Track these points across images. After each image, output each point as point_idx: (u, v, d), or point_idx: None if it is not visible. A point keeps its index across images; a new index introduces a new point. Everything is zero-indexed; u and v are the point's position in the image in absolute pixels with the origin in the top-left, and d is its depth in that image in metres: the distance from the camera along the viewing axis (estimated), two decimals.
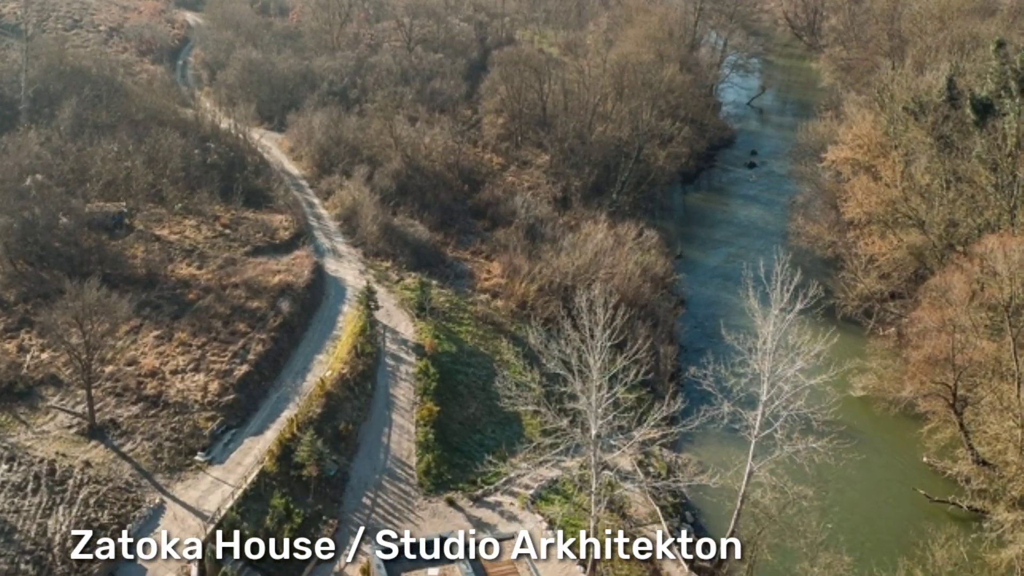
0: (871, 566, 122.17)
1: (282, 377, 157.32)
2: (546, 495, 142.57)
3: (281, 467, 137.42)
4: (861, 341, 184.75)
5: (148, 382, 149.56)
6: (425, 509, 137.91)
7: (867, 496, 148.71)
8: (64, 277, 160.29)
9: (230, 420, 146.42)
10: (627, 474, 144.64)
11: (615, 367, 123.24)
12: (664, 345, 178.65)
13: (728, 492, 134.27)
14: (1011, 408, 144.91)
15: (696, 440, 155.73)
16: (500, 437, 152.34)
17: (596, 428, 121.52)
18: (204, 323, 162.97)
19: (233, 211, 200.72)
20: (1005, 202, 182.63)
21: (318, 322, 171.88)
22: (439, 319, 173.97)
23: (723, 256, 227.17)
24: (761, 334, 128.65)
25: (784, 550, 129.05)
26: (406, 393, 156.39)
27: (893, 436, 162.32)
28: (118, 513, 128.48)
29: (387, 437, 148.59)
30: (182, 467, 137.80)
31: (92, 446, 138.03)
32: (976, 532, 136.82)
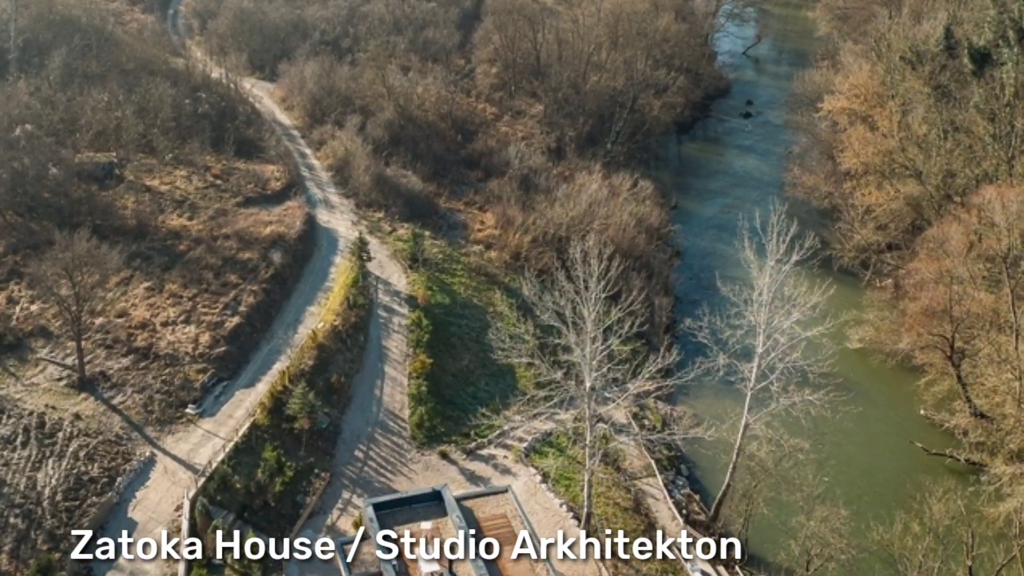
0: (868, 519, 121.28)
1: (274, 329, 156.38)
2: (540, 448, 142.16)
3: (273, 420, 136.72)
4: (858, 293, 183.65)
5: (138, 334, 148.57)
6: (418, 462, 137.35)
7: (864, 449, 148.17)
8: (54, 228, 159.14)
9: (221, 372, 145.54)
10: (622, 427, 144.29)
11: (609, 319, 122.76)
12: (659, 297, 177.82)
13: (724, 445, 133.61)
14: (1009, 360, 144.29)
15: (691, 393, 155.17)
16: (494, 390, 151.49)
17: (590, 380, 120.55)
18: (195, 274, 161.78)
19: (224, 161, 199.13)
20: (1003, 152, 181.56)
21: (310, 273, 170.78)
22: (432, 270, 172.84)
23: (719, 207, 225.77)
24: (757, 285, 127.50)
25: (780, 503, 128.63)
26: (399, 345, 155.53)
27: (890, 388, 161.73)
28: (108, 466, 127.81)
29: (380, 389, 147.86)
30: (173, 420, 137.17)
31: (82, 398, 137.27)
32: (974, 485, 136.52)
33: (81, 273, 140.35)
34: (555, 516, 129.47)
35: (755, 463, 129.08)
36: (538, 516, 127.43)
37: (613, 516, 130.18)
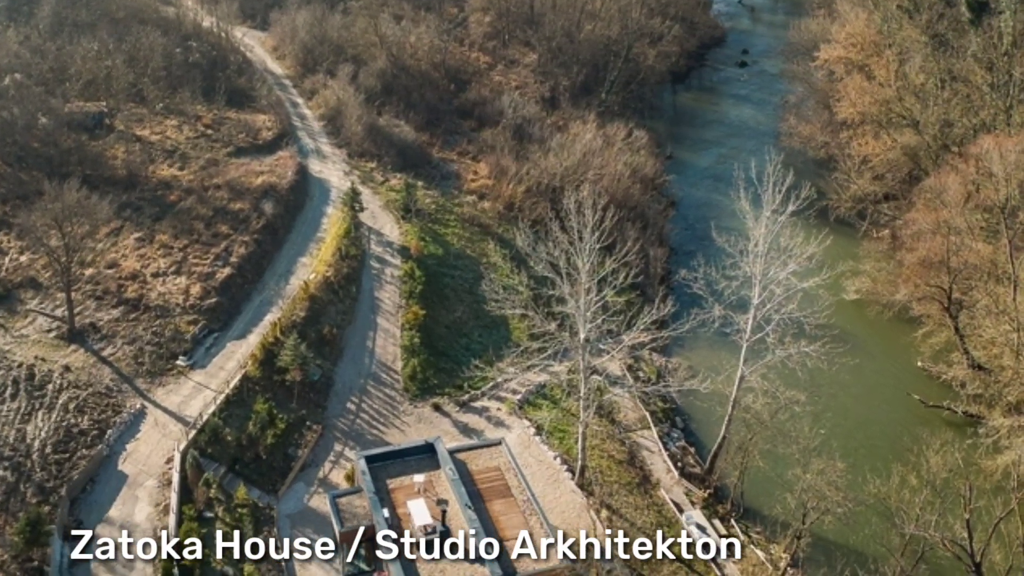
0: (864, 472, 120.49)
1: (265, 280, 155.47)
2: (534, 400, 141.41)
3: (264, 372, 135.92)
4: (854, 243, 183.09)
5: (129, 285, 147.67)
6: (411, 415, 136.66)
7: (860, 401, 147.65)
8: (43, 178, 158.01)
9: (212, 324, 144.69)
10: (616, 379, 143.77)
11: (604, 270, 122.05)
12: (654, 247, 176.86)
13: (719, 397, 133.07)
14: (1007, 311, 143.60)
15: (686, 344, 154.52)
16: (487, 341, 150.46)
17: (585, 332, 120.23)
18: (186, 225, 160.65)
19: (215, 111, 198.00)
20: (1001, 102, 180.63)
21: (302, 224, 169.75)
22: (425, 221, 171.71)
23: (714, 157, 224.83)
24: (753, 236, 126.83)
25: (776, 456, 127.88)
26: (391, 296, 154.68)
27: (887, 340, 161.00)
28: (98, 418, 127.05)
29: (372, 341, 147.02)
30: (163, 372, 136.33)
31: (72, 350, 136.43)
32: (971, 438, 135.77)
33: (71, 224, 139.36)
34: (549, 469, 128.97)
35: (751, 415, 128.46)
36: (532, 469, 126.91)
37: (607, 469, 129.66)
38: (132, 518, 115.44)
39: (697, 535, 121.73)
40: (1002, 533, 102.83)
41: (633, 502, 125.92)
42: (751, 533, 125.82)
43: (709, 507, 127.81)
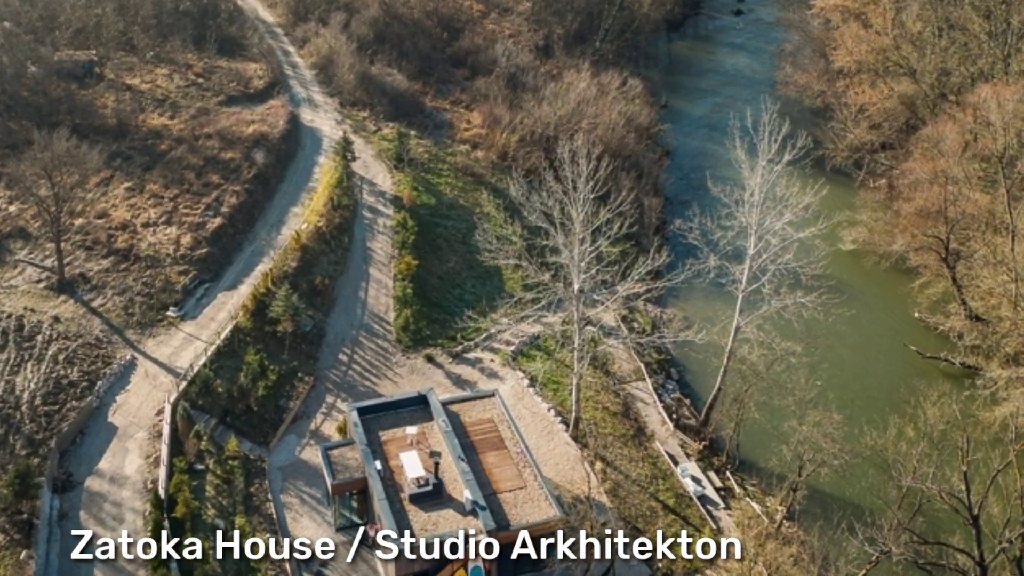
0: (861, 424, 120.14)
1: (256, 230, 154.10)
2: (527, 351, 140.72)
3: (255, 323, 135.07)
4: (851, 193, 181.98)
5: (119, 235, 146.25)
6: (403, 366, 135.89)
7: (857, 352, 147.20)
8: (32, 127, 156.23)
9: (203, 274, 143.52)
10: (611, 330, 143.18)
11: (598, 220, 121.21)
12: (649, 197, 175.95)
13: (715, 348, 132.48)
14: (1005, 262, 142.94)
15: (682, 295, 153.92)
16: (480, 292, 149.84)
17: (579, 282, 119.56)
18: (176, 175, 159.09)
19: (206, 60, 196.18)
20: (999, 50, 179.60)
21: (293, 174, 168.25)
22: (418, 170, 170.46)
23: (709, 106, 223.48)
24: (748, 186, 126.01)
25: (772, 408, 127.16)
26: (384, 246, 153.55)
27: (884, 291, 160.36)
28: (88, 370, 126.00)
29: (364, 292, 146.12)
30: (154, 323, 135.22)
31: (61, 301, 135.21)
32: (969, 389, 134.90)
33: (60, 173, 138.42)
34: (543, 420, 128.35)
35: (746, 367, 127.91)
36: (525, 420, 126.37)
37: (602, 420, 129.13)
38: (122, 470, 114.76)
39: (692, 487, 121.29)
40: (1000, 485, 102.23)
41: (628, 454, 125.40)
42: (747, 485, 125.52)
43: (704, 459, 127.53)
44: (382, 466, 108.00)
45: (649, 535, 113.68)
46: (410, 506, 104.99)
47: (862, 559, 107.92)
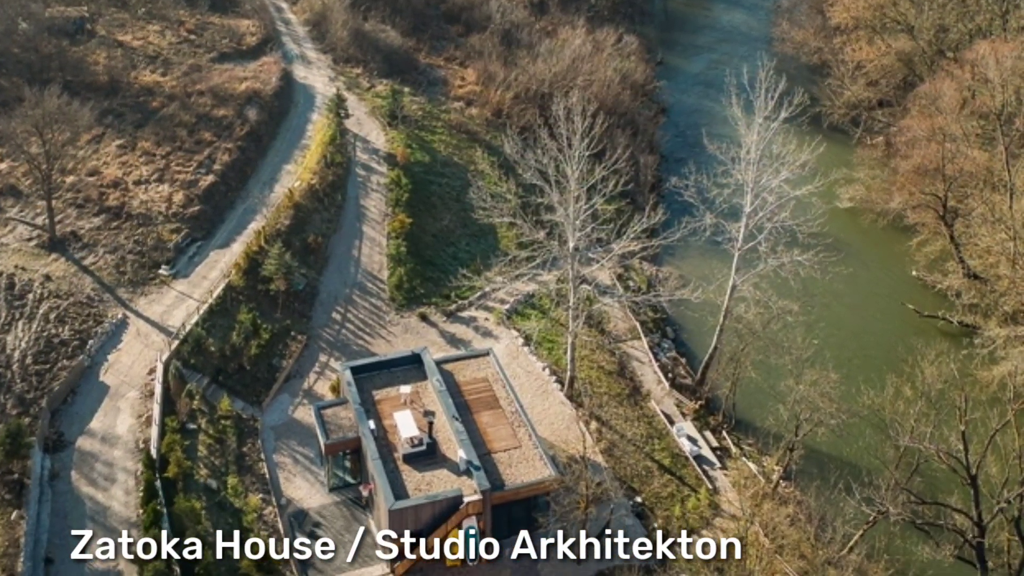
0: (858, 383, 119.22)
1: (249, 188, 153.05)
2: (522, 310, 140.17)
3: (248, 281, 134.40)
4: (848, 151, 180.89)
5: (110, 193, 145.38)
6: (397, 325, 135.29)
7: (854, 311, 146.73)
8: (23, 84, 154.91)
9: (195, 232, 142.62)
10: (606, 288, 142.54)
11: (593, 177, 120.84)
12: (644, 155, 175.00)
13: (711, 307, 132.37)
14: (1003, 220, 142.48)
15: (677, 253, 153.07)
16: (475, 250, 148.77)
17: (574, 240, 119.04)
18: (168, 132, 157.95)
19: (198, 16, 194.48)
20: (997, 7, 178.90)
21: (286, 131, 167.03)
22: (411, 128, 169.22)
23: (705, 63, 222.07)
24: (744, 143, 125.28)
25: (768, 367, 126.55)
26: (377, 204, 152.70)
27: (881, 249, 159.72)
28: (79, 329, 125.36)
29: (357, 250, 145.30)
30: (145, 281, 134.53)
31: (52, 259, 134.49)
32: (967, 348, 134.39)
33: (52, 130, 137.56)
34: (537, 379, 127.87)
35: (743, 325, 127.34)
36: (520, 379, 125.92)
37: (597, 379, 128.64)
38: (114, 430, 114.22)
39: (688, 447, 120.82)
40: (998, 445, 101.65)
41: (623, 413, 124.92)
42: (743, 445, 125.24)
43: (700, 418, 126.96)
44: (375, 425, 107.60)
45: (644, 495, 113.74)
46: (404, 466, 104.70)
47: (859, 519, 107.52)
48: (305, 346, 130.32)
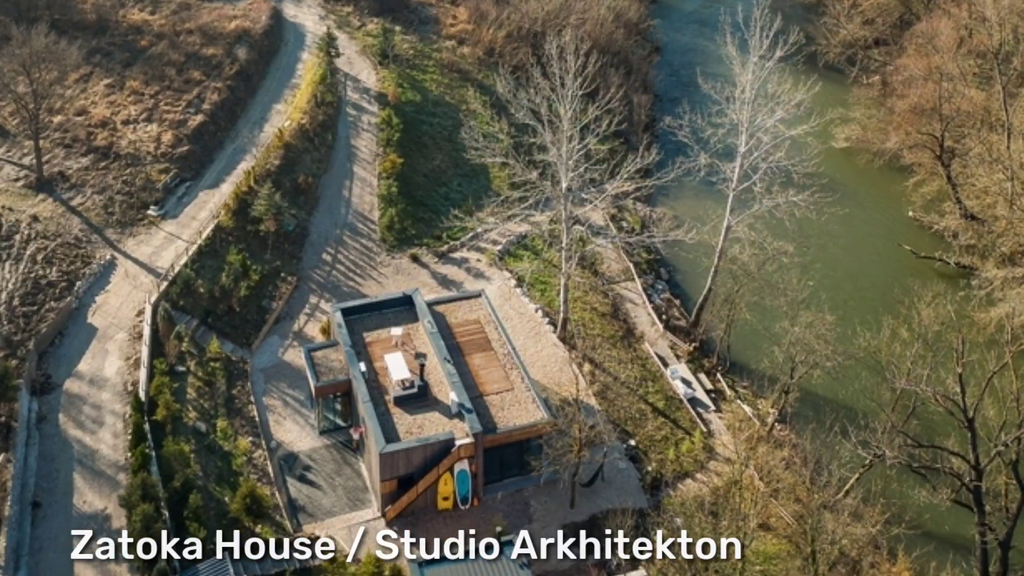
0: (854, 325, 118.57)
1: (238, 128, 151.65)
2: (514, 251, 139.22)
3: (237, 222, 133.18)
4: (844, 90, 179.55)
5: (98, 133, 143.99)
6: (388, 266, 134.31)
7: (850, 252, 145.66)
8: (10, 23, 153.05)
9: (184, 173, 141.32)
10: (599, 229, 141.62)
11: (586, 117, 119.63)
12: (638, 94, 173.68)
13: (705, 248, 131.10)
14: (1001, 160, 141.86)
15: (671, 194, 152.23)
16: (467, 190, 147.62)
17: (567, 181, 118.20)
18: (157, 71, 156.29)
19: None
20: None
21: (276, 70, 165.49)
22: (403, 67, 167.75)
23: (699, 1, 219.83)
24: (739, 83, 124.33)
25: (763, 308, 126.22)
26: (368, 144, 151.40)
27: (877, 189, 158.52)
28: (67, 270, 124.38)
29: (348, 190, 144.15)
30: (134, 222, 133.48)
31: (40, 200, 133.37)
32: (964, 290, 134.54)
33: (39, 69, 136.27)
34: (530, 321, 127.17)
35: (737, 267, 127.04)
36: (512, 321, 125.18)
37: (590, 321, 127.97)
38: (102, 372, 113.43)
39: (682, 389, 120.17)
40: (995, 388, 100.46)
41: (616, 356, 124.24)
42: (738, 387, 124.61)
43: (695, 361, 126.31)
44: (366, 368, 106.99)
45: (638, 438, 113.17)
46: (395, 408, 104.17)
47: (855, 462, 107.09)
48: (295, 288, 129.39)
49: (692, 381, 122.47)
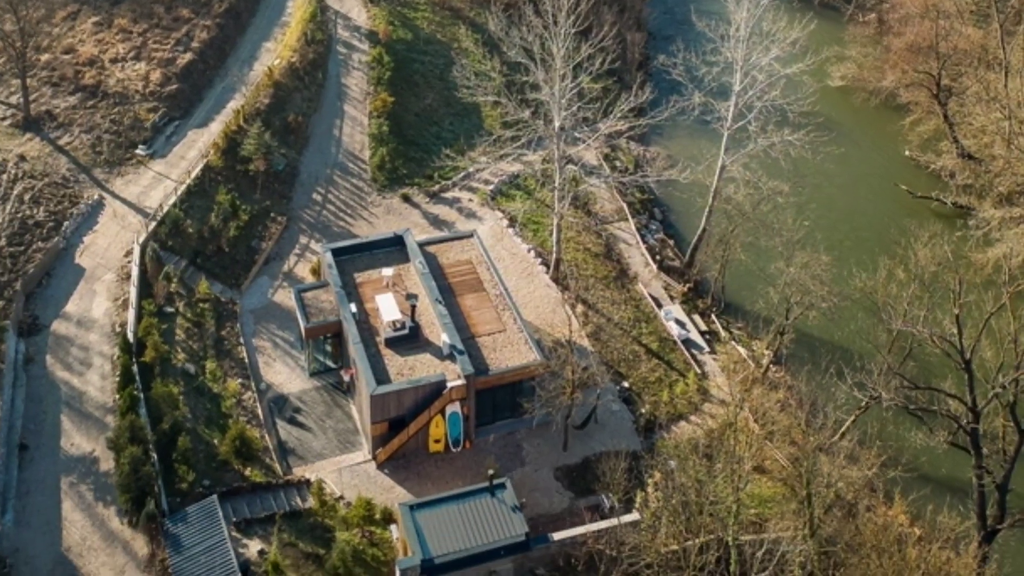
0: (850, 266, 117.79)
1: (228, 66, 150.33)
2: (507, 191, 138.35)
3: (227, 161, 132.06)
4: (840, 28, 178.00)
5: (86, 71, 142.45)
6: (379, 206, 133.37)
7: (846, 192, 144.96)
8: None
9: (173, 111, 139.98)
10: (592, 169, 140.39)
11: (579, 55, 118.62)
12: (631, 32, 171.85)
13: (699, 188, 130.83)
14: (998, 99, 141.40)
15: (665, 133, 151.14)
16: (458, 130, 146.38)
17: (559, 120, 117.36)
18: (145, 9, 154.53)
19: None
20: None
21: (266, 7, 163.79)
22: (394, 4, 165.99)
23: None
24: (734, 20, 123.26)
25: (758, 248, 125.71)
26: (359, 83, 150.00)
27: (874, 128, 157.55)
28: (54, 210, 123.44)
29: (339, 130, 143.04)
30: (122, 161, 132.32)
31: (27, 139, 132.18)
32: (961, 230, 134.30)
33: (26, 7, 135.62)
34: (522, 262, 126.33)
35: (732, 207, 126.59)
36: (505, 262, 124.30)
37: (583, 262, 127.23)
38: (89, 313, 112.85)
39: (676, 331, 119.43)
40: (993, 329, 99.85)
41: (610, 297, 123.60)
42: (732, 329, 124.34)
43: (689, 302, 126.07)
44: (357, 309, 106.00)
45: (631, 380, 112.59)
46: (385, 350, 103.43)
47: (851, 404, 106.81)
48: (285, 228, 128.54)
49: (686, 322, 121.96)
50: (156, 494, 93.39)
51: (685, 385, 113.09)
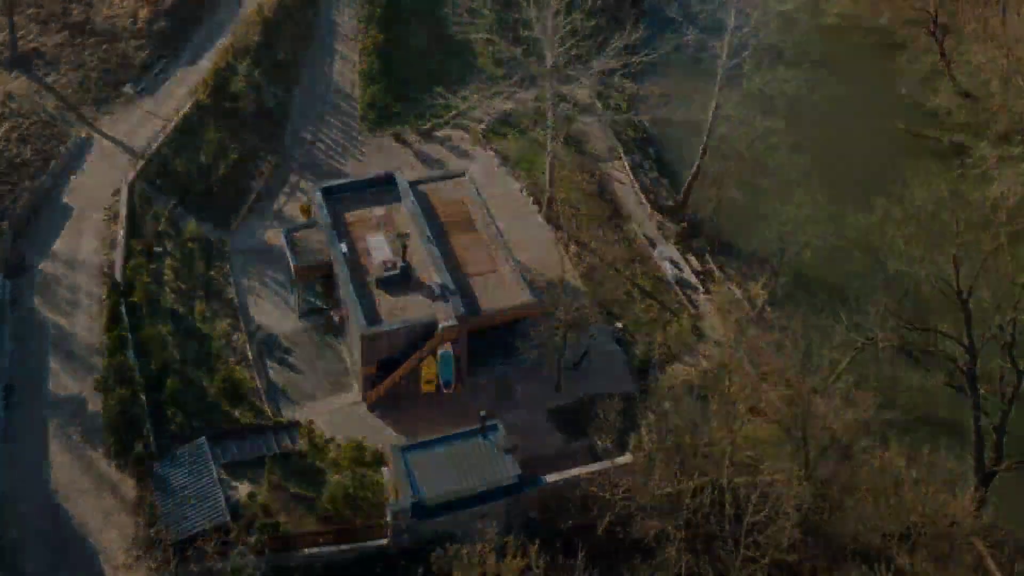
0: (846, 205, 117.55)
1: (217, 2, 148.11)
2: (499, 129, 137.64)
3: (216, 99, 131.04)
4: None
5: (74, 8, 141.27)
6: (370, 144, 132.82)
7: (842, 130, 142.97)
8: None
9: (161, 49, 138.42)
10: (585, 107, 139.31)
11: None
12: None
13: (693, 126, 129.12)
14: (996, 36, 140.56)
15: (659, 71, 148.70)
16: (450, 67, 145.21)
17: (552, 57, 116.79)
18: None
19: None
20: None
21: None
22: None
23: None
24: None
25: (753, 188, 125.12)
26: (349, 20, 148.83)
27: (870, 66, 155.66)
28: (42, 149, 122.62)
29: (329, 67, 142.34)
30: (110, 99, 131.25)
31: (13, 77, 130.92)
32: (959, 169, 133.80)
33: None
34: (515, 201, 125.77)
35: (726, 145, 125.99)
36: (497, 201, 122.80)
37: (577, 201, 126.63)
38: (77, 253, 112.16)
39: (670, 270, 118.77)
40: (990, 268, 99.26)
41: (603, 236, 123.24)
42: (727, 269, 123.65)
43: (683, 242, 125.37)
44: (348, 249, 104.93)
45: (625, 321, 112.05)
46: (377, 290, 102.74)
47: (847, 345, 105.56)
48: (275, 167, 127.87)
49: (680, 262, 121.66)
50: (145, 436, 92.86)
51: (679, 325, 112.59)
